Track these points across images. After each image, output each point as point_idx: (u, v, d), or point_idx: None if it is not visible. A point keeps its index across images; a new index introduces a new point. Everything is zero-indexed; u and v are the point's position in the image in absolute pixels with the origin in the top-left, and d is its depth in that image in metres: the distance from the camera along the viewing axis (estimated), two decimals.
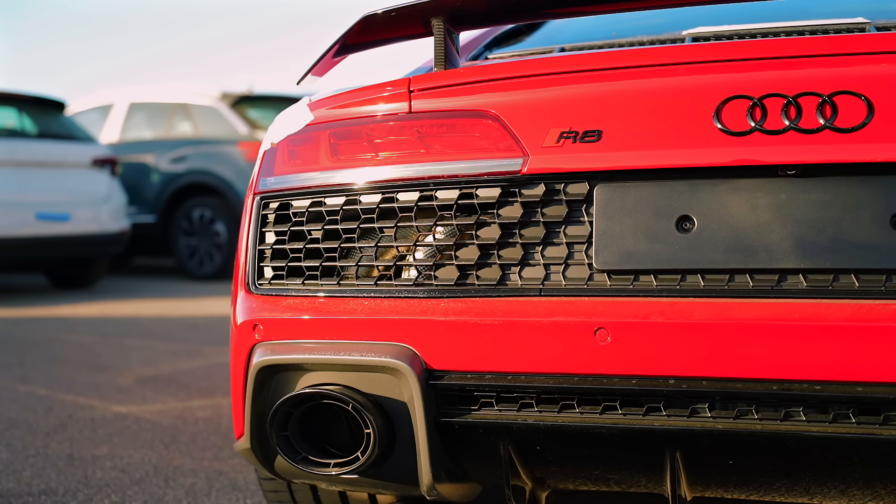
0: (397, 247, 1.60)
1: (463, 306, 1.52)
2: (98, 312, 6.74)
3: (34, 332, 5.75)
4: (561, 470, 1.58)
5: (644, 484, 1.56)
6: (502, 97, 1.57)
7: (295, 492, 2.02)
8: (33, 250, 7.68)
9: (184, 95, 9.59)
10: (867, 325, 1.34)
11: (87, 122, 9.68)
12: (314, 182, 1.65)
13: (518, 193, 1.53)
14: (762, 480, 1.49)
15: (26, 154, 7.64)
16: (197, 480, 2.74)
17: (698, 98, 1.46)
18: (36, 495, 2.61)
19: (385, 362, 1.53)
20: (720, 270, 1.43)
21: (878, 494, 1.47)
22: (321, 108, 1.70)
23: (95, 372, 4.44)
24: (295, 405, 1.58)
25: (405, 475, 1.60)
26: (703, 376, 1.41)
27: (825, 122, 1.40)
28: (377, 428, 1.54)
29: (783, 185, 1.42)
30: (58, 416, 3.55)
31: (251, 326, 1.65)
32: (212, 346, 5.17)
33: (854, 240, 1.38)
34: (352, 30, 1.71)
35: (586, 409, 1.48)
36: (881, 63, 1.44)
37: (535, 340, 1.47)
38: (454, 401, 1.54)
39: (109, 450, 3.08)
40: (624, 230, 1.47)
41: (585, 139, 1.50)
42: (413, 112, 1.61)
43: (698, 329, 1.40)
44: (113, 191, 8.25)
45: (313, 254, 1.65)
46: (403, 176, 1.59)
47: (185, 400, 3.82)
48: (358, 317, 1.57)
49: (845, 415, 1.38)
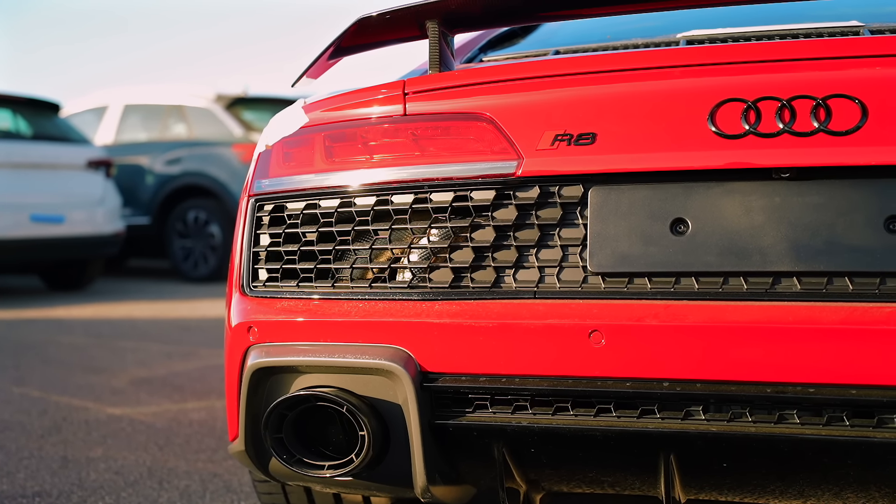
0: (392, 249, 1.60)
1: (457, 309, 1.52)
2: (93, 314, 6.72)
3: (29, 333, 5.74)
4: (555, 472, 1.58)
5: (638, 486, 1.56)
6: (497, 100, 1.57)
7: (289, 494, 2.02)
8: (28, 252, 7.66)
9: (178, 97, 9.58)
10: (861, 327, 1.35)
11: (82, 124, 9.67)
12: (309, 184, 1.65)
13: (512, 196, 1.53)
14: (756, 483, 1.49)
15: (21, 156, 7.63)
16: (191, 482, 2.74)
17: (693, 101, 1.46)
18: (30, 497, 2.60)
19: (379, 364, 1.53)
20: (714, 273, 1.43)
21: (872, 497, 1.47)
22: (316, 111, 1.70)
23: (90, 374, 4.43)
24: (289, 407, 1.58)
25: (399, 477, 1.60)
26: (697, 379, 1.41)
27: (819, 125, 1.40)
28: (371, 430, 1.54)
29: (777, 188, 1.42)
30: (52, 418, 3.54)
31: (245, 328, 1.65)
32: (206, 347, 5.17)
33: (848, 243, 1.39)
34: (347, 32, 1.71)
35: (580, 411, 1.48)
36: (875, 66, 1.44)
37: (530, 343, 1.47)
38: (448, 403, 1.54)
39: (104, 452, 3.07)
40: (618, 233, 1.47)
41: (580, 142, 1.50)
42: (408, 114, 1.61)
43: (692, 332, 1.40)
44: (108, 192, 8.24)
45: (308, 256, 1.65)
46: (398, 178, 1.59)
47: (179, 402, 3.82)
48: (352, 319, 1.57)
49: (839, 417, 1.38)
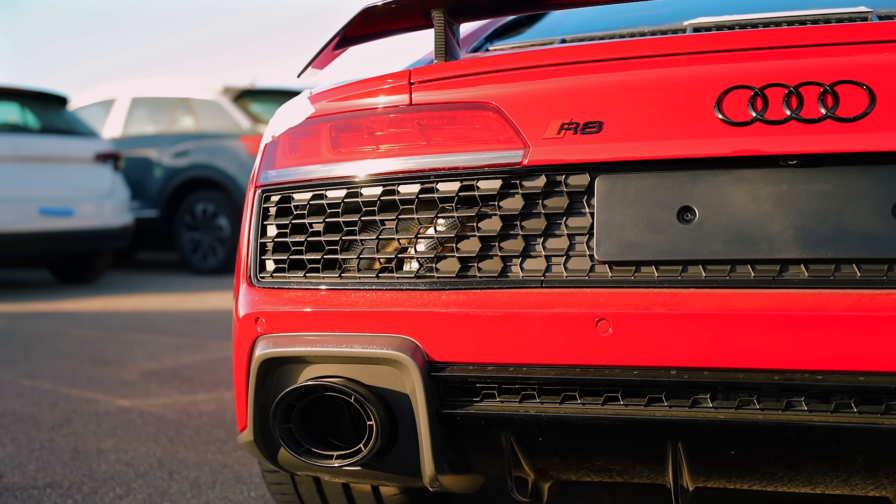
0: (398, 239, 1.60)
1: (464, 298, 1.52)
2: (102, 307, 6.75)
3: (38, 326, 5.76)
4: (563, 461, 1.58)
5: (646, 474, 1.57)
6: (503, 89, 1.57)
7: (298, 484, 2.02)
8: (37, 245, 7.69)
9: (186, 90, 9.58)
10: (869, 314, 1.34)
11: (90, 117, 9.69)
12: (315, 175, 1.65)
13: (519, 185, 1.53)
14: (764, 470, 1.49)
15: (29, 149, 7.65)
16: (201, 473, 2.75)
17: (700, 88, 1.46)
18: (41, 488, 2.62)
19: (387, 354, 1.53)
20: (721, 261, 1.43)
21: (880, 483, 1.47)
22: (322, 101, 1.70)
23: (99, 366, 4.45)
24: (297, 398, 1.58)
25: (408, 467, 1.60)
26: (704, 367, 1.41)
27: (827, 111, 1.39)
28: (379, 420, 1.54)
29: (784, 176, 1.42)
30: (62, 410, 3.56)
31: (253, 319, 1.65)
32: (215, 340, 5.18)
33: (855, 229, 1.38)
34: (352, 22, 1.71)
35: (588, 400, 1.48)
36: (883, 52, 1.43)
37: (537, 332, 1.47)
38: (456, 392, 1.54)
39: (114, 443, 3.09)
40: (625, 221, 1.47)
41: (586, 130, 1.49)
42: (414, 104, 1.61)
43: (700, 320, 1.40)
44: (116, 185, 8.26)
45: (315, 246, 1.65)
46: (404, 168, 1.59)
47: (188, 394, 3.83)
48: (360, 309, 1.57)
49: (847, 404, 1.38)
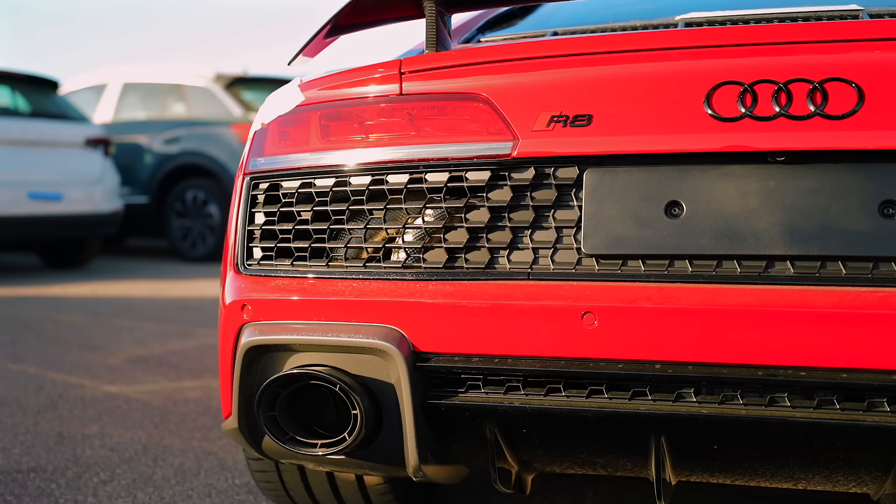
0: (386, 229, 1.59)
1: (451, 289, 1.52)
2: (90, 292, 6.73)
3: (26, 311, 5.74)
4: (547, 453, 1.59)
5: (629, 468, 1.57)
6: (493, 80, 1.57)
7: (283, 472, 2.03)
8: (26, 230, 7.66)
9: (178, 76, 9.54)
10: (853, 312, 1.35)
11: (81, 102, 9.64)
12: (304, 163, 1.65)
13: (507, 177, 1.53)
14: (747, 465, 1.50)
15: (19, 133, 7.61)
16: (186, 460, 2.75)
17: (689, 83, 1.46)
18: (25, 472, 2.61)
19: (373, 344, 1.53)
20: (708, 256, 1.43)
21: (861, 480, 1.48)
22: (312, 89, 1.70)
23: (86, 351, 4.44)
24: (282, 385, 1.58)
25: (392, 456, 1.61)
26: (689, 361, 1.41)
27: (816, 108, 1.40)
28: (364, 409, 1.54)
29: (772, 172, 1.42)
30: (48, 394, 3.55)
31: (240, 307, 1.65)
32: (203, 327, 5.17)
33: (842, 227, 1.39)
34: (343, 10, 1.70)
35: (572, 392, 1.48)
36: (873, 50, 1.43)
37: (523, 324, 1.47)
38: (441, 383, 1.54)
39: (99, 429, 3.08)
40: (613, 215, 1.47)
41: (576, 123, 1.49)
42: (404, 94, 1.60)
43: (685, 314, 1.40)
44: (106, 171, 8.23)
45: (302, 235, 1.65)
46: (393, 158, 1.58)
47: (175, 380, 3.83)
48: (346, 298, 1.57)
49: (830, 401, 1.38)
